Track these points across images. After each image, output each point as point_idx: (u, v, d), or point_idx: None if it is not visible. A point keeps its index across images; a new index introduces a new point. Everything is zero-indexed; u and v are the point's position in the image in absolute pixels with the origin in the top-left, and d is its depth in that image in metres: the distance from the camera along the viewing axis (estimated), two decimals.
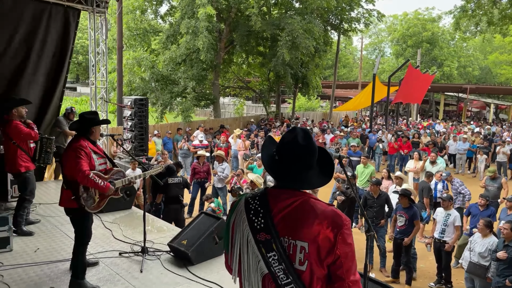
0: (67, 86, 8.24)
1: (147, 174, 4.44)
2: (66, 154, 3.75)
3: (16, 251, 4.61)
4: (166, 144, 13.30)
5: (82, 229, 3.78)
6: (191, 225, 4.89)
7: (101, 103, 9.07)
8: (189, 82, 17.60)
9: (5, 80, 6.94)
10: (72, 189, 3.69)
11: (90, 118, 3.85)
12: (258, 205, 1.67)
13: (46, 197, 6.77)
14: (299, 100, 31.36)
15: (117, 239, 5.12)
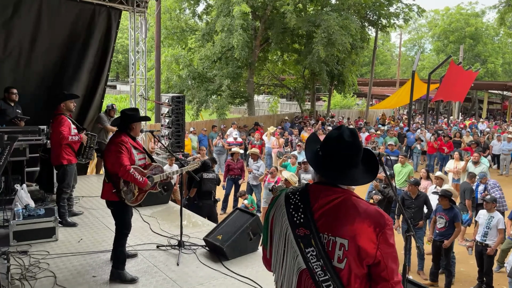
0: (108, 84, 8.54)
1: (184, 169, 4.54)
2: (108, 149, 3.90)
3: (61, 241, 4.85)
4: (201, 141, 13.52)
5: (122, 221, 3.93)
6: (226, 220, 4.96)
7: (140, 100, 9.35)
8: (224, 80, 17.79)
9: (50, 77, 7.32)
10: (113, 182, 3.83)
11: (131, 115, 3.98)
12: (299, 200, 1.66)
13: (88, 190, 7.07)
14: (335, 98, 30.93)
15: (154, 232, 5.27)
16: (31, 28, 6.97)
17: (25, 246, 4.57)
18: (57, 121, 5.14)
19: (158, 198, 6.42)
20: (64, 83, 7.41)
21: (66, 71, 7.46)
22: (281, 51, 19.82)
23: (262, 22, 18.25)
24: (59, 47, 7.33)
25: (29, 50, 7.04)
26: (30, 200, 5.34)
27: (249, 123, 17.16)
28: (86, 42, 7.64)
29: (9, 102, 6.32)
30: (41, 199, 6.18)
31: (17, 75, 6.97)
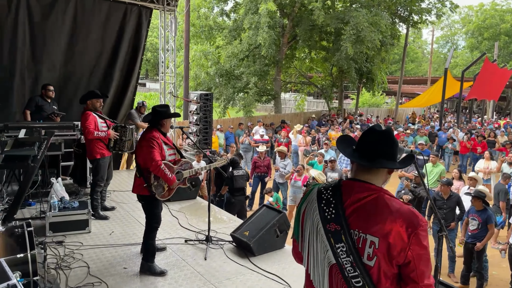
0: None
1: (212, 165, 4.60)
2: (139, 144, 4.00)
3: (94, 233, 5.02)
4: (228, 138, 13.63)
5: (152, 214, 4.02)
6: (253, 217, 4.99)
7: (169, 98, 9.51)
8: (251, 78, 17.85)
9: (85, 74, 7.59)
10: (144, 177, 3.93)
11: (162, 111, 4.06)
12: (331, 195, 1.67)
13: (119, 184, 7.27)
14: (363, 96, 30.46)
15: (183, 227, 5.37)
16: (67, 28, 7.24)
17: (60, 237, 4.75)
18: (83, 118, 5.36)
19: (186, 193, 6.53)
20: (97, 81, 7.67)
21: (99, 69, 7.71)
22: (309, 48, 19.68)
23: (290, 19, 18.17)
24: (93, 46, 7.58)
25: (65, 50, 7.30)
26: (65, 193, 5.55)
27: (276, 121, 17.16)
28: (118, 40, 7.86)
29: (46, 99, 6.58)
30: (75, 192, 6.41)
31: (54, 74, 7.27)
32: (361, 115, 22.42)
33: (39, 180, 5.89)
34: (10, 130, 5.68)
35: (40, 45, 7.04)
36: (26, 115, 6.43)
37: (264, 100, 20.32)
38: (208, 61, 18.95)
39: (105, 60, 7.77)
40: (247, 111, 17.98)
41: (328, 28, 17.52)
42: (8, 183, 6.20)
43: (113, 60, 7.89)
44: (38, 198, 5.76)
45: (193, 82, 19.26)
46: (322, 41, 19.57)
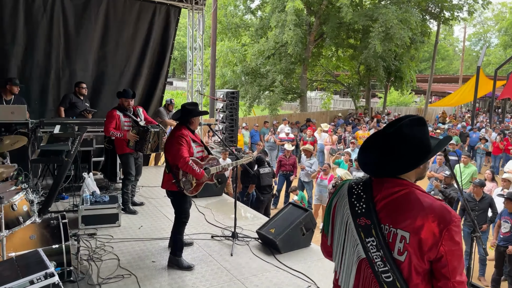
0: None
1: (239, 162, 4.64)
2: (169, 141, 4.08)
3: (124, 227, 5.16)
4: (253, 136, 13.67)
5: (181, 210, 4.10)
6: (279, 214, 5.01)
7: (196, 95, 9.63)
8: (277, 76, 17.84)
9: (116, 73, 7.81)
10: (173, 173, 4.01)
11: (191, 109, 4.13)
12: (361, 190, 1.68)
13: (148, 180, 7.43)
14: (391, 94, 29.89)
15: (209, 223, 5.45)
16: (99, 28, 7.47)
17: (91, 230, 4.91)
18: (107, 115, 5.53)
19: (212, 190, 6.62)
20: (127, 80, 7.88)
21: (129, 68, 7.91)
22: (336, 46, 19.48)
23: (317, 17, 18.03)
24: (124, 46, 7.78)
25: (97, 49, 7.53)
26: (96, 187, 5.73)
27: (301, 120, 17.08)
28: (147, 39, 8.03)
29: (79, 96, 6.81)
30: (105, 187, 6.60)
31: (86, 73, 7.51)
32: (388, 114, 22.02)
33: (72, 175, 6.10)
34: (46, 126, 5.92)
35: (74, 45, 7.29)
36: (60, 112, 6.67)
37: (290, 99, 20.25)
38: (234, 58, 19.04)
39: (135, 59, 7.96)
40: (272, 109, 17.98)
41: (356, 25, 17.28)
42: (43, 177, 6.47)
43: (143, 59, 8.07)
44: (71, 192, 5.97)
45: (219, 81, 19.42)
46: (349, 39, 19.32)
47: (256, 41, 19.11)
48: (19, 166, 5.00)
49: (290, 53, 17.10)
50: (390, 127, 1.63)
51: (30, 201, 3.69)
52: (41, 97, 7.19)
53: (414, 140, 1.60)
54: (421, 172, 1.69)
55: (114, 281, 3.78)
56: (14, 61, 6.85)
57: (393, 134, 1.61)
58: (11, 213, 3.32)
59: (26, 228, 3.48)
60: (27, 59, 6.97)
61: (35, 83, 7.10)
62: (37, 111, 6.97)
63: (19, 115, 5.82)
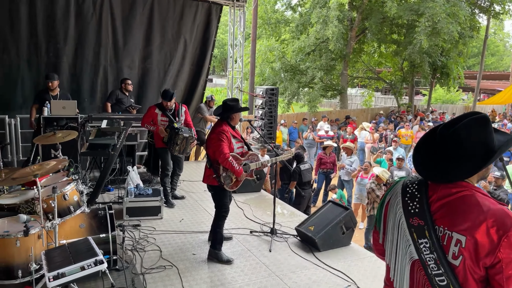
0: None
1: (278, 158, 4.64)
2: (210, 137, 4.15)
3: (165, 219, 5.32)
4: (291, 133, 13.61)
5: (221, 204, 4.17)
6: (318, 212, 4.97)
7: (236, 92, 9.73)
8: (317, 73, 17.66)
9: (161, 70, 8.05)
10: (214, 168, 4.08)
11: (232, 105, 4.18)
12: (416, 189, 1.62)
13: (189, 175, 7.60)
14: (436, 92, 28.75)
15: (248, 218, 5.50)
16: (145, 27, 7.72)
17: (135, 221, 5.10)
18: (147, 109, 5.71)
19: (251, 186, 6.67)
20: (171, 76, 8.09)
21: (173, 65, 8.12)
22: (378, 42, 18.99)
23: (359, 12, 17.65)
24: (168, 43, 8.00)
25: (143, 47, 7.79)
26: (139, 181, 5.93)
27: (341, 117, 16.82)
28: (190, 37, 8.20)
29: (125, 92, 7.07)
30: (148, 180, 6.82)
31: (133, 70, 7.79)
32: (432, 112, 21.21)
33: (117, 168, 6.35)
34: (94, 121, 6.20)
35: (121, 43, 7.58)
36: (107, 107, 6.96)
37: (330, 96, 19.99)
38: (273, 56, 19.04)
39: (178, 56, 8.16)
40: (311, 106, 17.83)
41: (400, 20, 16.75)
42: (91, 169, 6.78)
43: (185, 56, 8.25)
44: (116, 184, 6.23)
45: (258, 78, 19.50)
46: (392, 34, 18.77)
47: (296, 37, 18.99)
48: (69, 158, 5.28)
49: (331, 49, 16.87)
50: (447, 128, 1.54)
51: (80, 191, 3.89)
52: (91, 94, 7.54)
53: (475, 144, 1.51)
54: (483, 173, 1.61)
55: (157, 271, 3.91)
56: (65, 59, 7.22)
57: (451, 137, 1.52)
58: (63, 203, 3.52)
59: (76, 217, 3.66)
60: (78, 58, 7.32)
61: (85, 80, 7.45)
62: (87, 108, 7.31)
63: (69, 110, 6.14)
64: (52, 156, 4.83)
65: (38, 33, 6.92)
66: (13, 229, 3.21)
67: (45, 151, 5.73)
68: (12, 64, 6.90)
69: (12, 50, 6.86)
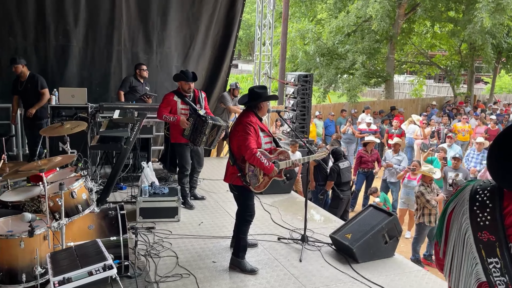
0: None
1: (312, 157, 4.61)
2: (235, 129, 4.15)
3: (183, 222, 5.40)
4: (327, 127, 13.51)
5: (245, 206, 4.19)
6: (357, 218, 4.92)
7: (264, 79, 9.73)
8: (358, 57, 17.37)
9: (181, 55, 8.18)
10: (238, 166, 4.08)
11: (260, 93, 4.17)
12: (488, 197, 1.52)
13: (209, 173, 7.68)
14: (501, 79, 27.76)
15: (275, 223, 5.51)
16: (162, 7, 7.83)
17: (149, 223, 5.21)
18: (162, 98, 5.65)
19: (279, 187, 6.66)
20: (191, 61, 8.19)
21: (193, 48, 8.23)
22: (432, 21, 18.48)
23: None
24: (187, 25, 8.12)
25: (160, 29, 7.92)
26: (155, 178, 6.05)
27: (386, 108, 16.53)
28: (211, 17, 8.26)
29: (140, 79, 7.21)
30: (164, 178, 6.95)
31: (150, 55, 7.96)
32: (496, 103, 20.48)
33: (131, 164, 6.50)
34: (105, 111, 6.36)
35: (136, 25, 7.74)
36: (120, 96, 7.12)
37: (373, 84, 19.65)
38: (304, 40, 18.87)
39: (200, 39, 8.23)
40: (351, 96, 17.56)
41: None
42: (101, 165, 6.96)
43: (207, 39, 8.33)
44: (129, 182, 6.37)
45: (289, 63, 19.39)
46: (449, 12, 18.22)
47: (333, 16, 18.76)
48: (78, 152, 5.44)
49: (374, 30, 16.55)
50: None
51: (89, 189, 4.00)
52: (103, 82, 7.75)
53: None
54: None
55: (172, 280, 3.98)
56: (75, 43, 7.44)
57: None
58: (70, 201, 3.63)
59: (84, 217, 3.78)
60: (88, 41, 7.51)
61: (96, 66, 7.66)
62: (99, 98, 7.48)
63: (79, 99, 6.33)
64: (60, 150, 4.98)
65: (46, 14, 7.14)
66: (17, 228, 3.35)
67: (52, 143, 5.93)
68: (18, 48, 7.16)
69: (18, 33, 7.11)
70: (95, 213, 3.91)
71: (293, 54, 19.46)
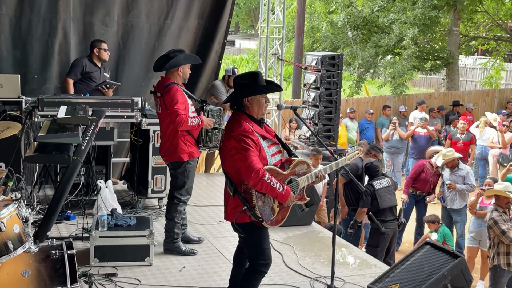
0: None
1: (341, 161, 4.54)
2: (224, 145, 4.12)
3: (157, 267, 5.38)
4: (364, 130, 13.55)
5: (259, 252, 4.15)
6: (408, 261, 4.92)
7: (273, 61, 9.76)
8: (407, 30, 17.41)
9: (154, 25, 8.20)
10: (240, 196, 4.01)
11: (243, 84, 4.13)
12: None
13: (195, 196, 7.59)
14: None
15: (290, 268, 5.51)
16: None
17: (108, 268, 5.19)
18: (169, 95, 5.46)
19: (295, 216, 6.63)
20: (169, 36, 8.21)
21: (171, 18, 8.22)
22: None
23: None
24: None
25: None
26: (117, 204, 6.05)
27: (448, 104, 16.54)
28: None
29: (96, 62, 7.22)
30: (130, 203, 6.96)
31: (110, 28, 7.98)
32: None
33: (82, 183, 6.48)
34: (46, 107, 6.35)
35: None
36: (68, 85, 7.12)
37: (429, 68, 19.69)
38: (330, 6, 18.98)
39: (181, 4, 8.25)
40: (398, 85, 17.59)
41: None
42: (40, 184, 6.96)
43: (191, 4, 8.35)
44: (79, 209, 6.36)
45: (308, 40, 19.43)
46: None
47: None
48: (7, 166, 5.44)
49: None
50: None
51: (23, 218, 4.00)
52: (44, 67, 7.73)
53: None
54: None
55: None
56: (4, 10, 7.40)
57: None
58: None
59: (17, 259, 3.76)
60: (23, 9, 7.50)
61: (35, 44, 7.64)
62: (37, 89, 7.50)
63: (8, 90, 6.31)
64: None
65: None
66: None
67: None
68: None
69: None
70: (32, 253, 3.90)
71: (314, 26, 19.52)
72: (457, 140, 12.07)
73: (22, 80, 6.60)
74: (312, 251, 6.01)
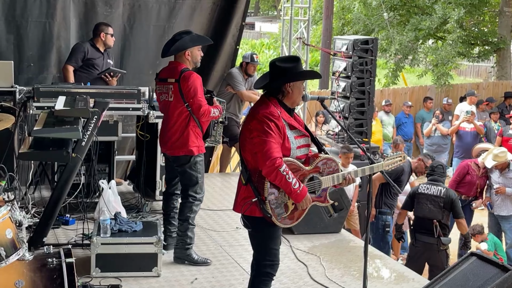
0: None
1: (377, 166, 4.53)
2: (246, 127, 4.16)
3: (165, 278, 5.40)
4: (401, 125, 13.46)
5: (265, 251, 4.16)
6: (451, 274, 4.89)
7: (298, 46, 9.75)
8: (451, 11, 17.30)
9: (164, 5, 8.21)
10: (253, 185, 4.06)
11: (287, 68, 4.16)
12: None
13: (208, 199, 7.65)
14: None
15: (315, 281, 5.49)
16: None
17: (111, 279, 5.23)
18: (188, 83, 5.46)
19: (322, 222, 6.65)
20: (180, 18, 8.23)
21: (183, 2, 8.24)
22: None
23: None
24: None
25: None
26: (120, 206, 6.08)
27: (499, 96, 16.39)
28: None
29: (99, 48, 7.26)
30: (136, 206, 6.98)
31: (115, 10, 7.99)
32: None
33: (82, 183, 6.52)
34: (43, 97, 6.40)
35: None
36: (68, 73, 7.15)
37: (477, 55, 19.51)
38: None
39: None
40: (441, 74, 17.49)
41: None
42: (35, 185, 7.03)
43: None
44: (79, 213, 6.40)
45: (338, 22, 19.36)
46: None
47: None
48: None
49: None
50: None
51: (17, 222, 4.03)
52: (40, 53, 7.79)
53: None
54: None
55: None
56: None
57: None
58: None
59: (9, 268, 3.80)
60: None
61: (30, 28, 7.69)
62: (33, 78, 7.58)
63: (1, 79, 6.36)
64: None
65: None
66: None
67: None
68: None
69: None
70: (26, 262, 3.93)
71: (345, 6, 19.45)
72: (509, 137, 11.93)
73: (17, 68, 6.62)
74: (341, 262, 5.99)
